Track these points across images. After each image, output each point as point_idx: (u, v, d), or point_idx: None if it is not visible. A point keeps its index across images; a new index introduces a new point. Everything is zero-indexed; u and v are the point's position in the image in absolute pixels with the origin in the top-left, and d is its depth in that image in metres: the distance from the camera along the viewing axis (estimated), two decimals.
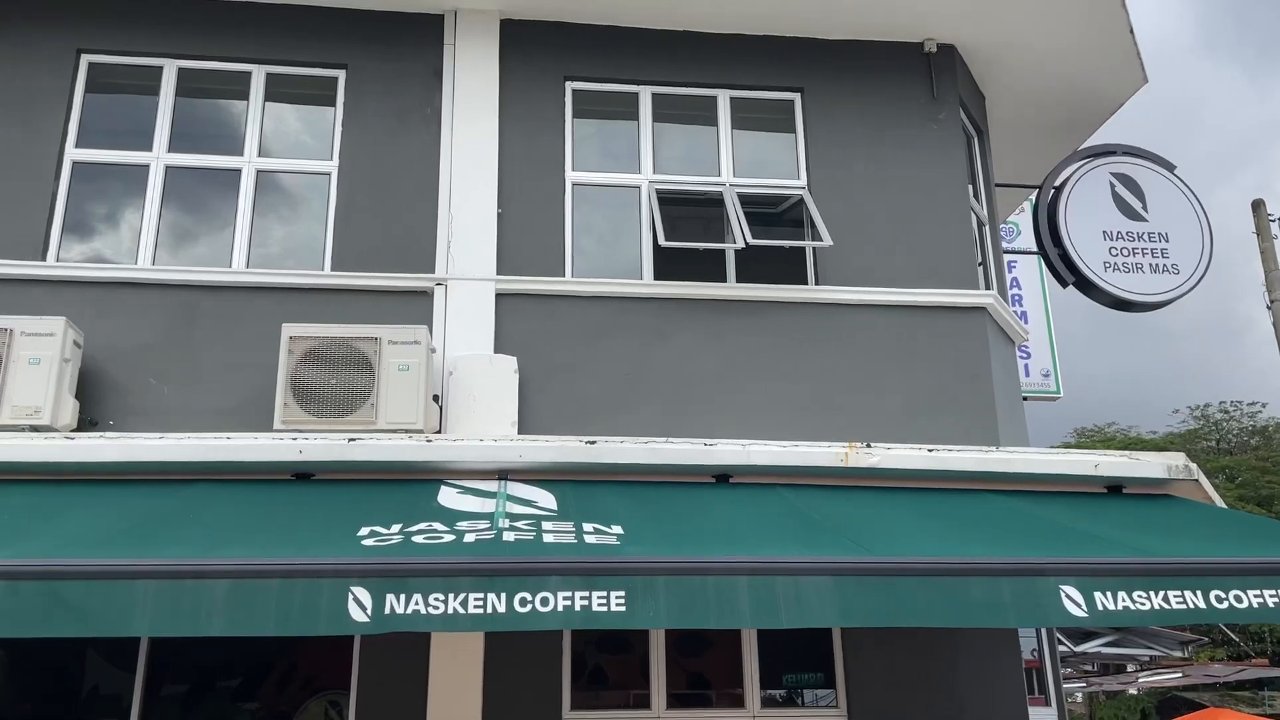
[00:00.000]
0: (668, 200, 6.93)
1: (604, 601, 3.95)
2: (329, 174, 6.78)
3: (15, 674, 5.82)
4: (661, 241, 6.51)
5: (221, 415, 6.09)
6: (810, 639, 6.32)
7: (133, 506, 5.00)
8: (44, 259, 6.29)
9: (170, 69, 6.83)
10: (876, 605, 4.06)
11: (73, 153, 6.57)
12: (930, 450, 5.88)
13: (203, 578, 3.78)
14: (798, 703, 6.18)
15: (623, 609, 3.95)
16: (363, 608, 3.81)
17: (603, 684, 6.11)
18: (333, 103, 6.95)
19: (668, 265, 6.94)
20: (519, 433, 6.21)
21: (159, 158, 6.64)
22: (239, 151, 6.75)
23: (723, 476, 5.91)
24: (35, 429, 5.56)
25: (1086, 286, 8.20)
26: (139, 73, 6.83)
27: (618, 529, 4.66)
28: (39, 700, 5.81)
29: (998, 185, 8.91)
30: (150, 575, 3.76)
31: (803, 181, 7.23)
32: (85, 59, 6.76)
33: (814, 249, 7.03)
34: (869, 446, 5.87)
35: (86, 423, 5.93)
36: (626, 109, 7.27)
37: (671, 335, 6.60)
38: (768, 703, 6.15)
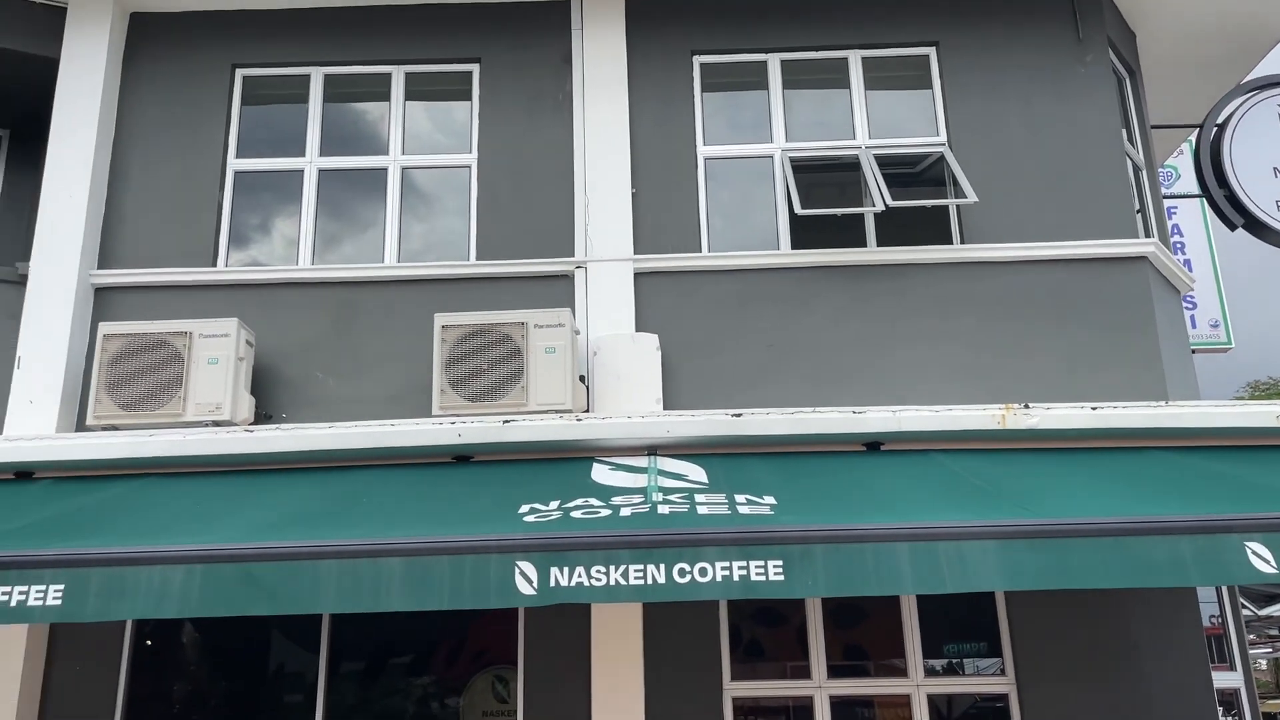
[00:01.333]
0: (802, 168, 6.84)
1: (762, 571, 3.96)
2: (469, 166, 6.98)
3: (211, 653, 6.28)
4: (798, 210, 6.44)
5: (383, 404, 6.38)
6: (972, 607, 6.17)
7: (310, 492, 5.30)
8: (214, 265, 6.71)
9: (317, 76, 7.16)
10: (1044, 567, 3.94)
11: (234, 163, 6.98)
12: (1094, 408, 5.64)
13: (379, 556, 3.99)
14: (959, 672, 6.06)
15: (781, 578, 3.96)
16: (529, 581, 3.95)
17: (759, 656, 6.13)
18: (469, 96, 7.14)
19: (804, 234, 6.85)
20: (664, 408, 6.27)
21: (312, 162, 6.98)
22: (384, 151, 7.03)
23: (873, 445, 5.82)
24: (217, 424, 5.96)
25: (1257, 228, 7.67)
26: (289, 83, 7.18)
27: (770, 499, 4.66)
28: (233, 677, 6.25)
29: (1154, 127, 8.41)
30: (332, 555, 3.99)
31: (942, 138, 7.00)
32: (240, 73, 7.16)
33: (957, 207, 6.81)
34: (1027, 407, 5.67)
35: (262, 416, 6.31)
36: (755, 78, 7.20)
37: (813, 304, 6.53)
38: (929, 673, 6.05)
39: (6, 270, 6.48)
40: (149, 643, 6.19)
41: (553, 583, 3.95)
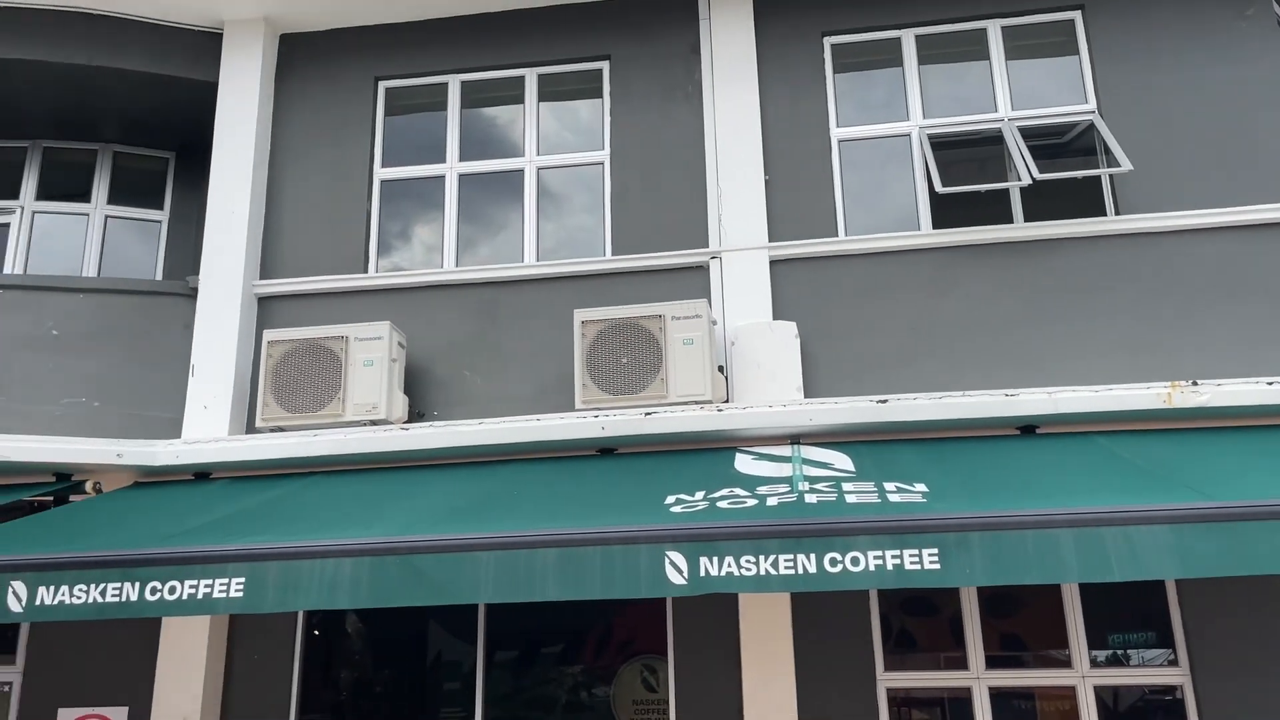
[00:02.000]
0: (940, 145, 6.64)
1: (916, 559, 3.88)
2: (602, 163, 7.06)
3: (374, 642, 6.57)
4: (939, 188, 6.25)
5: (527, 399, 6.54)
6: (1138, 595, 5.88)
7: (463, 486, 5.49)
8: (365, 271, 7.01)
9: (454, 84, 7.38)
10: (1223, 553, 3.72)
11: (380, 172, 7.27)
12: (1270, 383, 5.28)
13: (534, 548, 4.09)
14: (1124, 663, 5.78)
15: (936, 567, 3.87)
16: (679, 571, 3.98)
17: (911, 646, 6.01)
18: (599, 94, 7.23)
19: (945, 212, 6.65)
20: (805, 396, 6.20)
21: (452, 167, 7.20)
22: (519, 153, 7.19)
23: (1028, 428, 5.61)
24: (374, 423, 6.23)
25: None
26: (428, 91, 7.42)
27: (921, 486, 4.56)
28: (395, 665, 6.53)
29: None
30: (489, 547, 4.12)
31: (1091, 105, 6.68)
32: (382, 85, 7.44)
33: (1110, 177, 6.48)
34: (1195, 384, 5.36)
35: (415, 414, 6.56)
36: (888, 56, 7.02)
37: (957, 284, 6.33)
38: (1093, 664, 5.79)
39: (179, 284, 6.94)
40: (316, 632, 6.53)
41: (703, 572, 3.97)
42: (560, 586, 4.07)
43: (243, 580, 4.26)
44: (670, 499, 4.67)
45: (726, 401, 6.15)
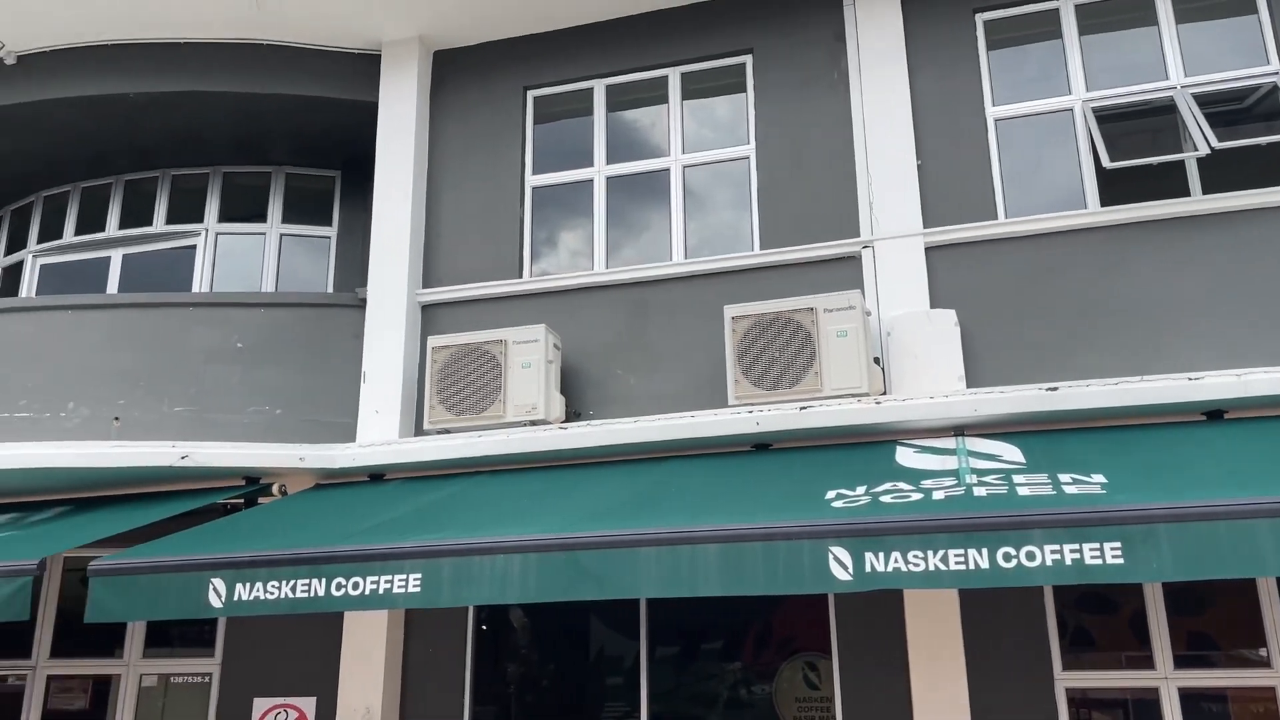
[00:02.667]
0: (1106, 118, 6.30)
1: (1097, 554, 3.71)
2: (748, 157, 7.03)
3: (539, 638, 6.75)
4: (1106, 164, 5.94)
5: (679, 397, 6.57)
6: None
7: (621, 483, 5.57)
8: (521, 276, 7.21)
9: (599, 89, 7.50)
10: None
11: (531, 179, 7.46)
12: None
13: (696, 543, 4.12)
14: None
15: (1119, 561, 3.68)
16: (844, 566, 3.92)
17: (1088, 644, 5.73)
18: (743, 88, 7.20)
19: (1112, 189, 6.31)
20: (967, 386, 6.00)
21: (600, 170, 7.32)
22: (664, 152, 7.24)
23: (1214, 413, 5.27)
24: (533, 423, 6.40)
25: None
26: (574, 98, 7.57)
27: (1099, 477, 4.34)
28: (560, 660, 6.69)
29: None
30: (651, 543, 4.17)
31: (1273, 66, 6.20)
32: (530, 94, 7.64)
33: None
34: None
35: (572, 414, 6.70)
36: (1046, 28, 6.72)
37: (1129, 264, 6.00)
38: None
39: (348, 295, 7.31)
40: (484, 628, 6.76)
41: (868, 568, 3.90)
42: (722, 582, 4.08)
43: (419, 576, 4.45)
44: (831, 494, 4.61)
45: (884, 394, 6.02)
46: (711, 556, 4.09)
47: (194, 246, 8.29)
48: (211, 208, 8.42)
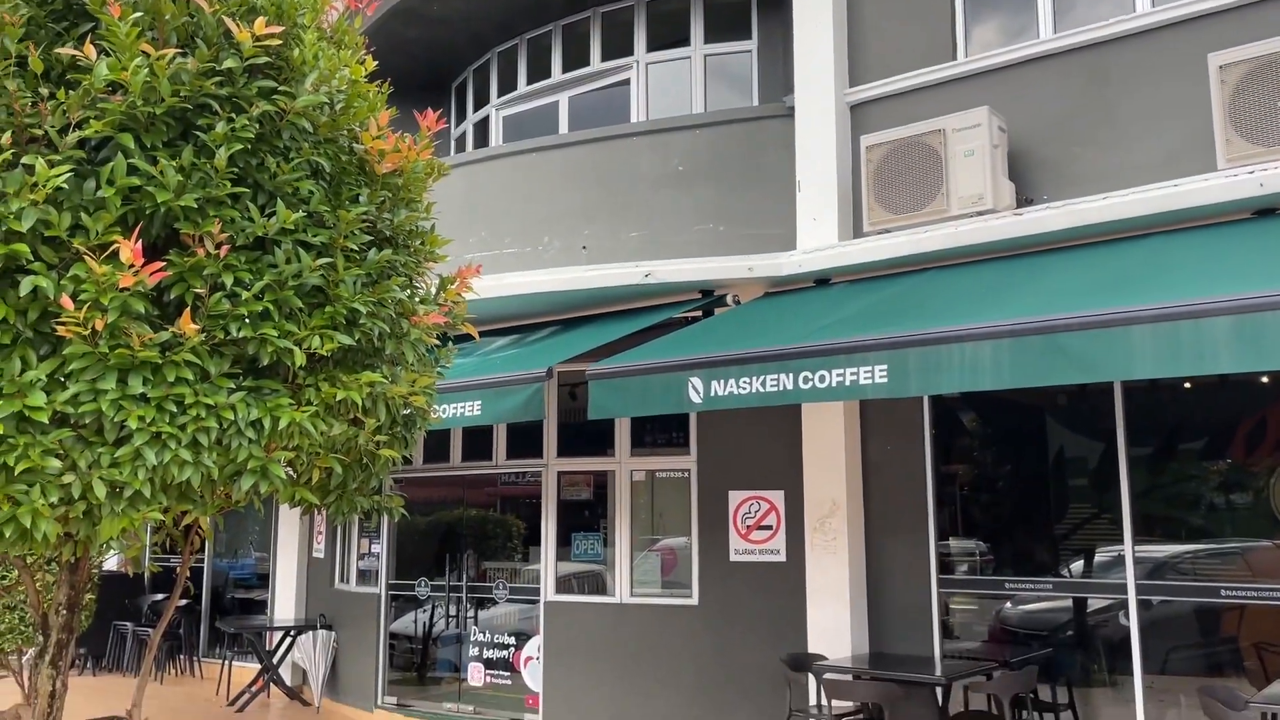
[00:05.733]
0: None
1: None
2: None
3: (995, 441, 6.56)
4: None
5: (1150, 169, 5.80)
6: None
7: (1091, 267, 5.12)
8: (954, 59, 6.70)
9: None
10: None
11: None
12: None
13: (1202, 316, 3.68)
14: None
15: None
16: None
17: None
18: None
19: None
20: None
21: None
22: None
23: None
24: (980, 214, 6.04)
25: None
26: None
27: None
28: (1015, 462, 6.47)
29: None
30: (1147, 320, 3.80)
31: None
32: None
33: None
34: None
35: (1023, 201, 6.23)
36: None
37: None
38: None
39: (776, 106, 7.30)
40: (933, 431, 6.69)
41: None
42: (1236, 357, 3.63)
43: (885, 367, 4.48)
44: None
45: None
46: (1222, 330, 3.64)
47: (628, 80, 8.70)
48: (639, 39, 8.73)
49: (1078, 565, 6.17)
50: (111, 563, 11.64)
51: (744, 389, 4.95)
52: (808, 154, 6.96)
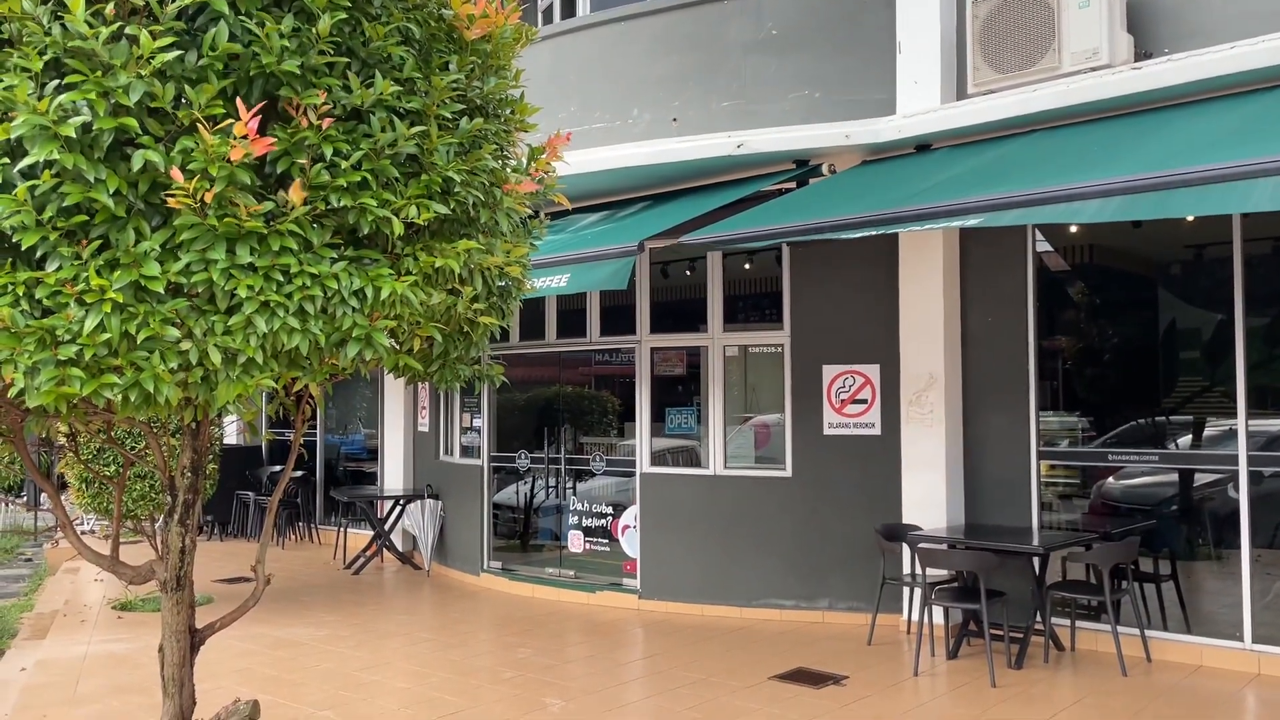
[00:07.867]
0: None
1: None
2: None
3: (1101, 312, 6.32)
4: None
5: (1275, 16, 5.36)
6: None
7: (1216, 119, 4.81)
8: None
9: None
10: None
11: None
12: None
13: None
14: None
15: None
16: None
17: None
18: None
19: None
20: None
21: None
22: None
23: None
24: (1095, 70, 5.69)
25: None
26: None
27: None
28: (1123, 334, 6.24)
29: None
30: (1272, 173, 3.57)
31: None
32: None
33: None
34: None
35: (1142, 55, 5.83)
36: None
37: None
38: None
39: None
40: (1036, 303, 6.47)
41: None
42: None
43: (982, 218, 4.31)
44: None
45: None
46: None
47: None
48: None
49: (1185, 439, 6.00)
50: (231, 436, 12.28)
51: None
52: (909, 12, 6.62)
